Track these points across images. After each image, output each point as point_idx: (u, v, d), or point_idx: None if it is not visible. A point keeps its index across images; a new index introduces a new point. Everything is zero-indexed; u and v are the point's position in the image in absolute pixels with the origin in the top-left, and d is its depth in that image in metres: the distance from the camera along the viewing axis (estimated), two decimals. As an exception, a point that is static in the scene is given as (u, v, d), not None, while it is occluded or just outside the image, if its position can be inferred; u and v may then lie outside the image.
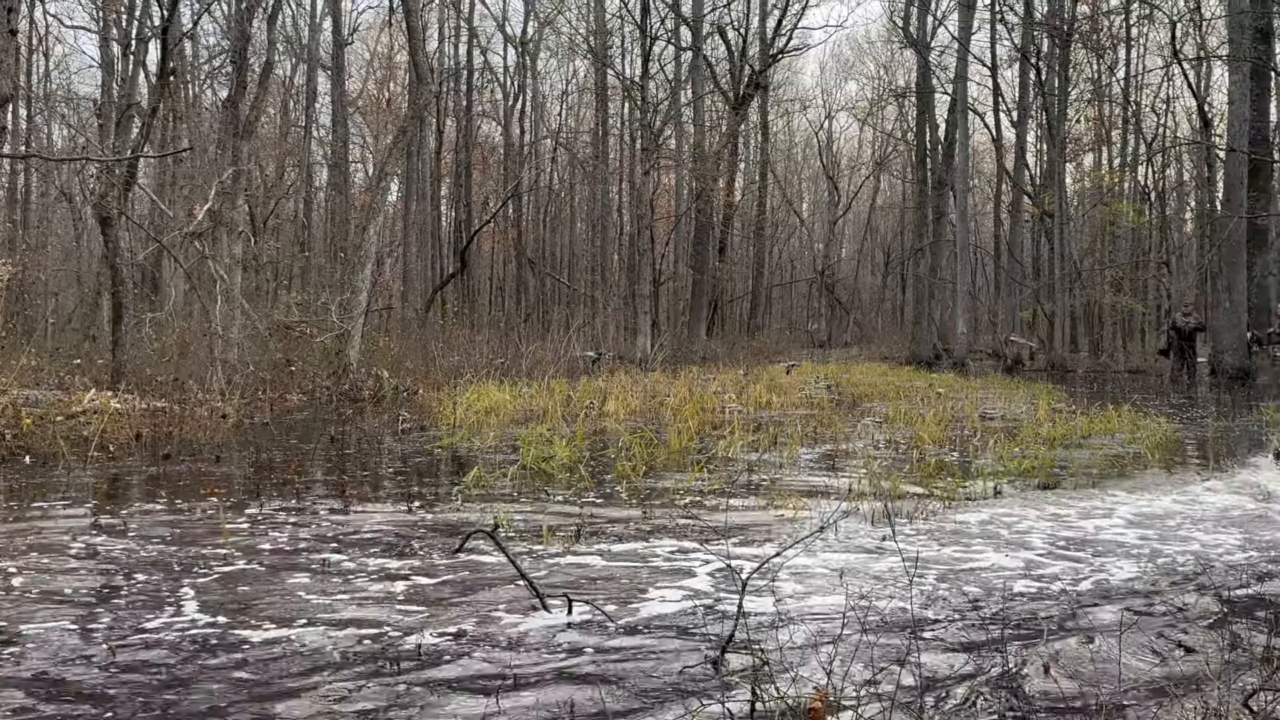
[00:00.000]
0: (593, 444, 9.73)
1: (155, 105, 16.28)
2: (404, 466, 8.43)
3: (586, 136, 41.30)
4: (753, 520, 6.18)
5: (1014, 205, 37.20)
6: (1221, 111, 28.62)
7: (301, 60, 36.30)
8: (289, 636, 3.80)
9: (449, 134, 39.97)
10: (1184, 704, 3.17)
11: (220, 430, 10.32)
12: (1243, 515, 6.56)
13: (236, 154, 17.17)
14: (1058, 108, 31.23)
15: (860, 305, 54.95)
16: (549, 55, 44.22)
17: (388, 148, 19.40)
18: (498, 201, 35.67)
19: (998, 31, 35.49)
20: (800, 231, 57.79)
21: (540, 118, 42.25)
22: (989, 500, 7.00)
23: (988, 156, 44.77)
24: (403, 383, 15.00)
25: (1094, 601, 4.46)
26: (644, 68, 31.71)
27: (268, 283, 25.82)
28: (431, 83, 20.08)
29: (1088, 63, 36.15)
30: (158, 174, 26.37)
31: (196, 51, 31.52)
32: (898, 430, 11.21)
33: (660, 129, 30.93)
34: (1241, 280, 21.89)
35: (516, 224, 39.39)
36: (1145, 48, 37.13)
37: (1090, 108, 37.67)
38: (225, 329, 13.87)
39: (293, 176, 34.86)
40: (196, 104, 30.53)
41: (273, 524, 5.84)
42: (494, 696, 3.20)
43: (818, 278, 51.37)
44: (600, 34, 34.53)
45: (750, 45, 38.07)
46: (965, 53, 32.26)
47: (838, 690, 3.11)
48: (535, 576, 4.46)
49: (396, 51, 39.78)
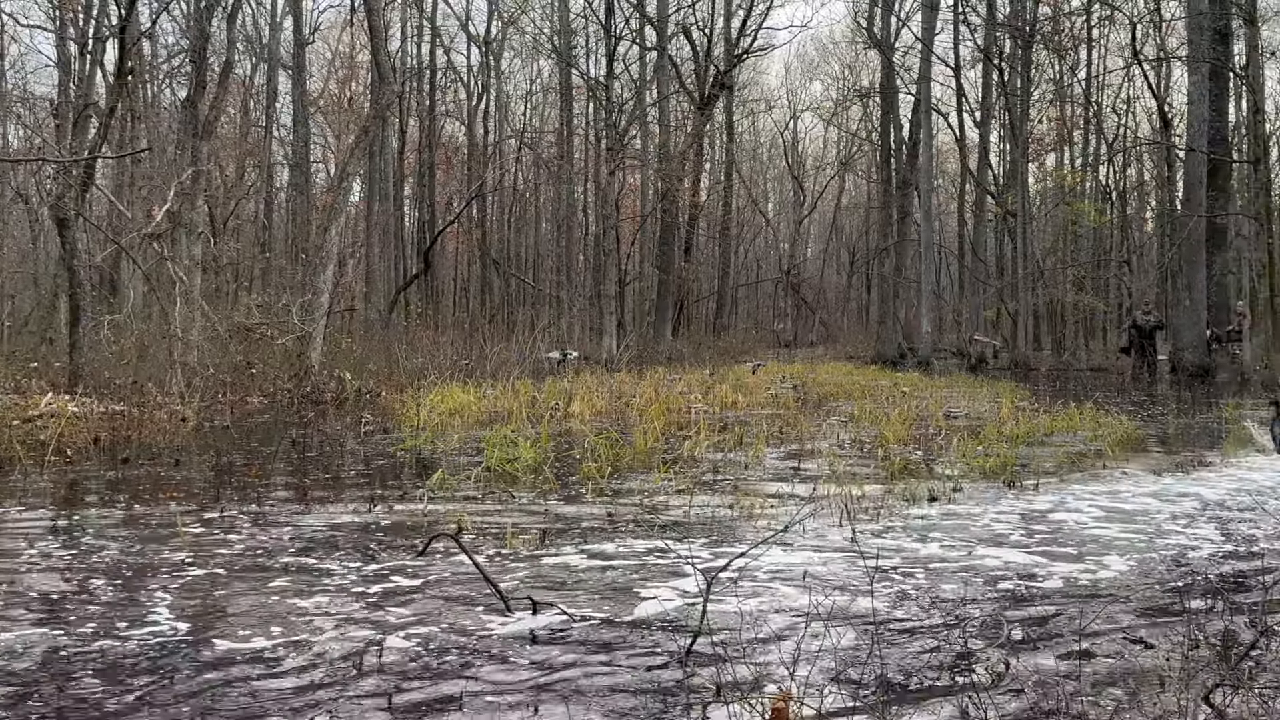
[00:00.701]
0: (558, 445, 9.69)
1: (113, 105, 16.08)
2: (366, 469, 8.35)
3: (551, 136, 41.18)
4: (718, 520, 6.16)
5: (977, 205, 37.43)
6: (1181, 112, 28.92)
7: (262, 60, 35.98)
8: (247, 643, 3.74)
9: (412, 134, 39.74)
10: (1144, 700, 3.18)
11: (180, 433, 10.20)
12: (1200, 508, 6.63)
13: (196, 154, 16.98)
14: (1020, 108, 31.47)
15: (826, 305, 55.11)
16: (513, 55, 44.12)
17: (349, 148, 19.25)
18: (462, 202, 35.51)
19: (961, 32, 35.75)
20: (766, 231, 57.88)
21: (504, 117, 42.11)
22: (951, 498, 7.02)
23: (951, 156, 45.02)
24: (365, 385, 14.89)
25: (1054, 596, 4.48)
26: (609, 67, 31.70)
27: (228, 284, 25.57)
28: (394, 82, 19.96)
29: (1049, 63, 36.45)
30: (116, 175, 26.01)
31: (155, 51, 31.17)
32: (863, 429, 11.24)
33: (625, 129, 30.92)
34: (1201, 279, 22.14)
35: (481, 224, 39.23)
36: (1106, 49, 37.46)
37: (1052, 108, 37.98)
38: (185, 331, 13.71)
39: (253, 177, 34.53)
40: (155, 104, 30.17)
41: (232, 528, 5.76)
42: (458, 700, 3.17)
43: (783, 277, 51.45)
44: (564, 34, 34.46)
45: (715, 45, 38.13)
46: (929, 53, 32.46)
47: (800, 689, 3.10)
48: (499, 579, 4.42)
49: (358, 51, 39.51)
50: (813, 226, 58.86)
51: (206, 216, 20.87)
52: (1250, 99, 23.69)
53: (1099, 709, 3.09)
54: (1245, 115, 27.56)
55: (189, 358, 13.37)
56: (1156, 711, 3.08)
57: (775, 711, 2.84)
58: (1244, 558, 5.30)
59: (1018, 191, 31.46)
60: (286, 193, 37.54)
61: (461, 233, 41.89)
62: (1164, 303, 30.94)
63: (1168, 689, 3.25)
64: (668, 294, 34.12)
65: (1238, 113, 29.80)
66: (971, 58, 36.82)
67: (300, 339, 15.28)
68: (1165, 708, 3.09)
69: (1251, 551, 5.44)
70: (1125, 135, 37.22)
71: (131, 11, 16.63)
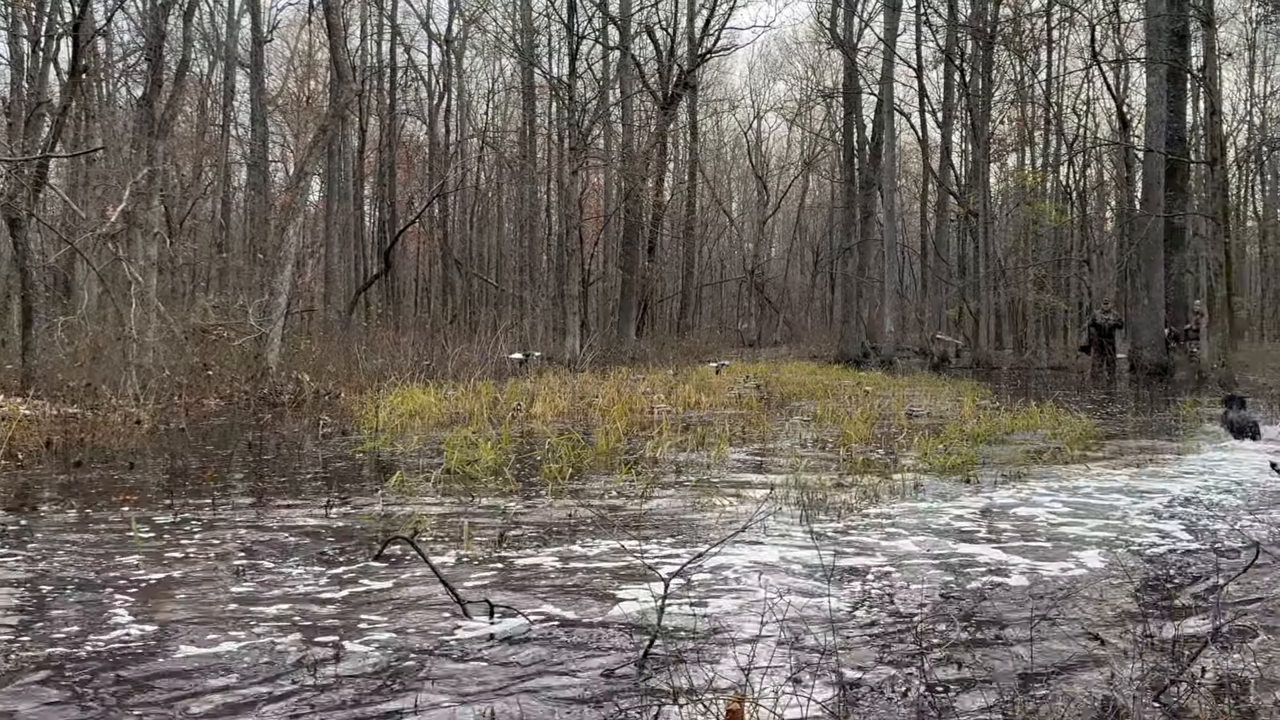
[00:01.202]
0: (519, 446, 9.63)
1: (67, 103, 15.84)
2: (324, 471, 8.24)
3: (513, 136, 41.00)
4: (679, 520, 6.12)
5: (940, 205, 37.66)
6: (1140, 113, 29.26)
7: (219, 58, 35.60)
8: (200, 649, 3.66)
9: (372, 133, 39.42)
10: (1097, 698, 3.17)
11: (134, 436, 10.05)
12: (1157, 503, 6.66)
13: (151, 153, 16.73)
14: (982, 108, 31.68)
15: (790, 304, 55.26)
16: (475, 54, 43.88)
17: (308, 146, 19.06)
18: (423, 201, 35.26)
19: (923, 33, 35.96)
20: (730, 231, 57.97)
21: (466, 117, 41.83)
22: (912, 495, 7.02)
23: (914, 157, 45.31)
24: (324, 386, 14.73)
25: (1012, 592, 4.48)
26: (571, 67, 31.60)
27: (184, 285, 25.27)
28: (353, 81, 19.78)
29: (1011, 64, 36.73)
30: (70, 174, 25.63)
31: (110, 48, 30.73)
32: (826, 429, 11.25)
33: (588, 128, 30.83)
34: (1159, 278, 22.36)
35: (442, 224, 38.96)
36: (1066, 50, 37.82)
37: (1013, 109, 38.26)
38: (140, 332, 13.51)
39: (210, 176, 34.15)
40: (110, 102, 29.75)
41: (187, 532, 5.66)
42: (412, 705, 3.12)
43: (747, 277, 51.53)
44: (527, 32, 34.32)
45: (679, 45, 38.12)
46: (891, 54, 32.59)
47: (756, 690, 3.06)
48: (456, 582, 4.37)
49: (317, 49, 39.17)
50: (776, 226, 59.03)
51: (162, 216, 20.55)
52: (1207, 100, 23.98)
53: (1051, 707, 3.07)
54: (1203, 116, 27.88)
55: (144, 359, 13.17)
56: (1108, 710, 3.07)
57: (730, 713, 2.83)
58: (1201, 554, 5.33)
59: (979, 191, 31.66)
60: (244, 192, 37.15)
61: (423, 233, 41.62)
62: (1123, 301, 31.23)
63: (1120, 687, 3.25)
64: (631, 294, 34.07)
65: (1195, 114, 30.11)
66: (934, 58, 37.07)
67: (258, 340, 15.10)
68: (1117, 706, 3.08)
69: (1210, 548, 5.47)
70: (1085, 136, 37.61)
71: (85, 9, 16.37)
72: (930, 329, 35.40)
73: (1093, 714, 3.04)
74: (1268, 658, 3.57)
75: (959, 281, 35.65)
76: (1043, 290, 35.36)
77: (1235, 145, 38.03)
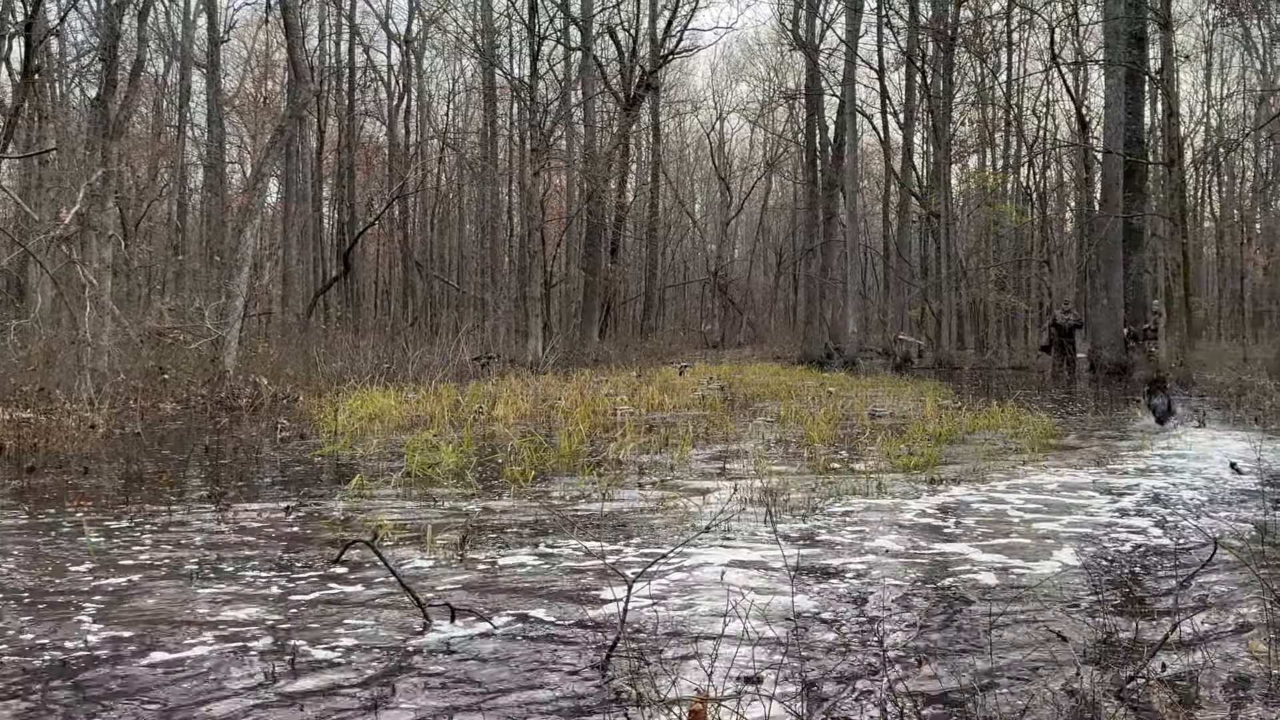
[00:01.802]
0: (481, 449, 9.55)
1: (19, 104, 15.56)
2: (282, 476, 8.13)
3: (474, 137, 40.81)
4: (641, 522, 6.08)
5: (902, 206, 37.85)
6: (1099, 114, 29.49)
7: (175, 58, 35.17)
8: (156, 655, 3.59)
9: (331, 134, 39.10)
10: (1059, 694, 3.16)
11: (89, 441, 9.89)
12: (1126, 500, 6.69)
13: (106, 155, 16.46)
14: (943, 110, 31.86)
15: (753, 305, 55.38)
16: (435, 54, 43.64)
17: (265, 148, 18.85)
18: (382, 203, 34.98)
19: (884, 35, 36.09)
20: (693, 232, 58.02)
21: (426, 117, 41.57)
22: (874, 494, 7.02)
23: (876, 158, 45.51)
24: (282, 390, 14.56)
25: (973, 588, 4.47)
26: (533, 67, 31.48)
27: (140, 288, 24.95)
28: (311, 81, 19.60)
29: (971, 66, 37.01)
30: (23, 176, 25.19)
31: (63, 48, 30.29)
32: (789, 429, 11.25)
33: (550, 129, 30.72)
34: (1118, 278, 22.56)
35: (403, 226, 38.72)
36: (1026, 52, 38.18)
37: (974, 110, 38.55)
38: (94, 336, 13.28)
39: (166, 178, 33.72)
40: (64, 103, 29.29)
41: (142, 538, 5.55)
42: (371, 711, 3.07)
43: (711, 278, 51.58)
44: (487, 33, 34.18)
45: (641, 46, 38.09)
46: (853, 55, 32.71)
47: (719, 690, 3.03)
48: (416, 586, 4.30)
49: (275, 49, 38.82)
50: (740, 228, 59.21)
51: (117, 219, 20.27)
52: (1165, 102, 24.18)
53: (1013, 705, 3.06)
54: (1160, 118, 28.21)
55: (99, 363, 12.95)
56: (1070, 705, 3.07)
57: (693, 714, 2.81)
58: (1161, 552, 5.36)
59: (941, 192, 31.84)
60: (200, 194, 36.73)
61: (383, 234, 41.35)
62: (1083, 302, 31.54)
63: (1081, 683, 3.25)
64: (594, 296, 33.99)
65: (1153, 116, 30.48)
66: (895, 60, 37.23)
67: (214, 343, 14.90)
68: (1079, 702, 3.08)
69: (1170, 545, 5.50)
70: (1045, 137, 37.97)
71: (38, 8, 16.11)
72: (893, 330, 35.58)
73: (1055, 710, 3.03)
74: (1223, 653, 3.58)
75: (921, 282, 35.85)
76: (1004, 291, 35.63)
77: (1193, 147, 38.59)
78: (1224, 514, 6.36)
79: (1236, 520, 6.14)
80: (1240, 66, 40.41)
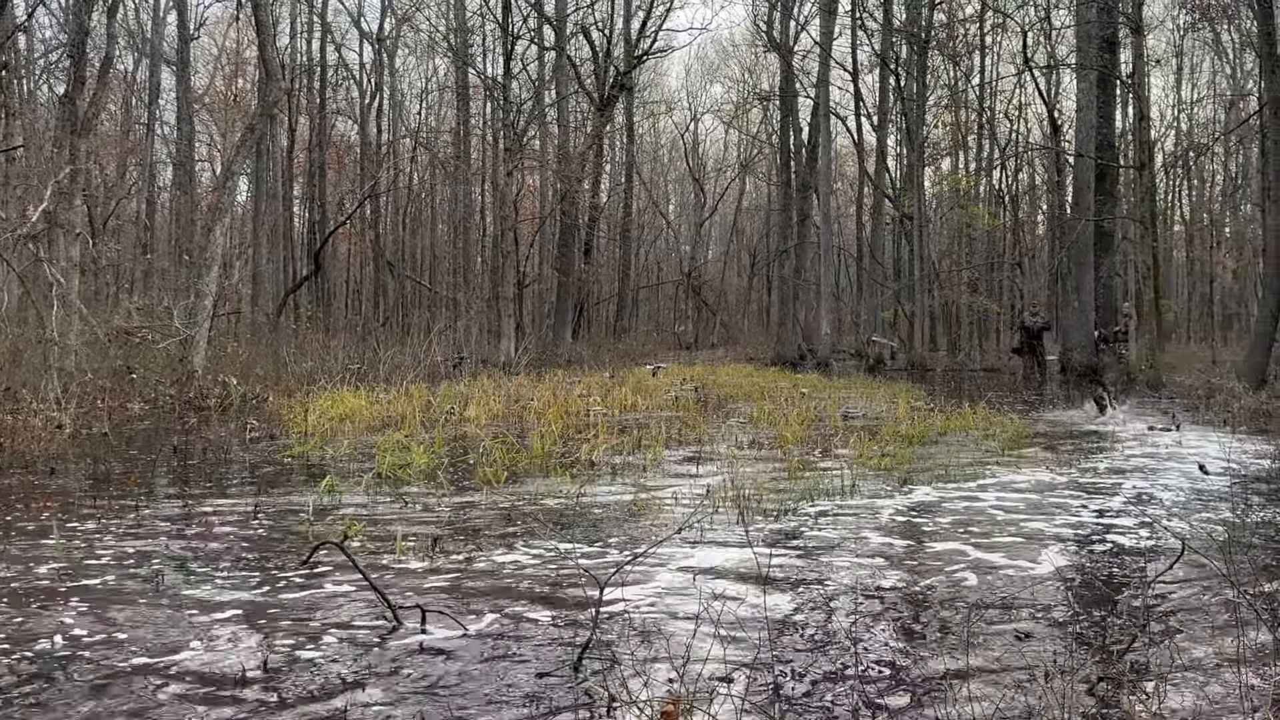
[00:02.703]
0: (453, 450, 9.48)
1: (-16, 99, 15.31)
2: (252, 476, 8.03)
3: (447, 136, 40.56)
4: (614, 523, 6.05)
5: (875, 208, 37.96)
6: (1070, 118, 29.71)
7: (144, 55, 34.79)
8: (121, 657, 3.53)
9: (302, 132, 38.74)
10: (1029, 694, 3.16)
11: (55, 441, 9.77)
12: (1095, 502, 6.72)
13: (74, 152, 16.26)
14: (916, 113, 31.98)
15: (727, 307, 55.40)
16: (407, 52, 43.33)
17: (235, 146, 18.68)
18: (354, 202, 34.68)
19: (859, 37, 36.19)
20: (667, 233, 57.98)
21: (399, 116, 41.27)
22: (847, 495, 7.01)
23: (850, 160, 45.61)
24: (251, 390, 14.41)
25: (944, 588, 4.47)
26: (506, 67, 31.33)
27: (108, 286, 24.66)
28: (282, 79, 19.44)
29: (945, 69, 37.17)
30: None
31: (31, 45, 29.94)
32: (762, 430, 11.24)
33: (524, 129, 30.58)
34: (1089, 281, 22.70)
35: (374, 225, 38.41)
36: (999, 55, 38.38)
37: (947, 113, 38.74)
38: (61, 335, 13.11)
39: (134, 176, 33.36)
40: (31, 100, 28.90)
41: (109, 539, 5.47)
42: (342, 713, 3.04)
43: (684, 279, 51.56)
44: (461, 32, 33.98)
45: (615, 46, 38.02)
46: (827, 57, 32.79)
47: (691, 692, 3.00)
48: (387, 588, 4.26)
49: (246, 47, 38.49)
50: (713, 229, 59.21)
51: (85, 217, 20.05)
52: (1136, 106, 24.40)
53: (980, 706, 3.05)
54: (1132, 122, 28.40)
55: (66, 362, 12.79)
56: (1040, 705, 3.07)
57: (665, 715, 2.79)
58: (1129, 552, 5.39)
59: (914, 195, 31.95)
60: (170, 192, 36.36)
61: (354, 234, 41.05)
62: (1054, 304, 31.74)
63: (1052, 682, 3.26)
64: (567, 296, 33.90)
65: (1124, 119, 30.70)
66: (869, 62, 37.37)
67: (183, 343, 14.74)
68: (1050, 701, 3.08)
69: (1138, 546, 5.53)
70: (1017, 140, 38.20)
71: (5, 4, 15.89)
72: (866, 331, 35.67)
73: (1027, 710, 3.01)
74: (1190, 655, 3.59)
75: (894, 284, 35.98)
76: (976, 293, 35.83)
77: (1163, 150, 38.85)
78: (1194, 515, 6.39)
79: (1206, 521, 6.17)
80: (1210, 71, 40.79)
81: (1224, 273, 40.27)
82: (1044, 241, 38.76)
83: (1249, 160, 37.01)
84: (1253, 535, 5.76)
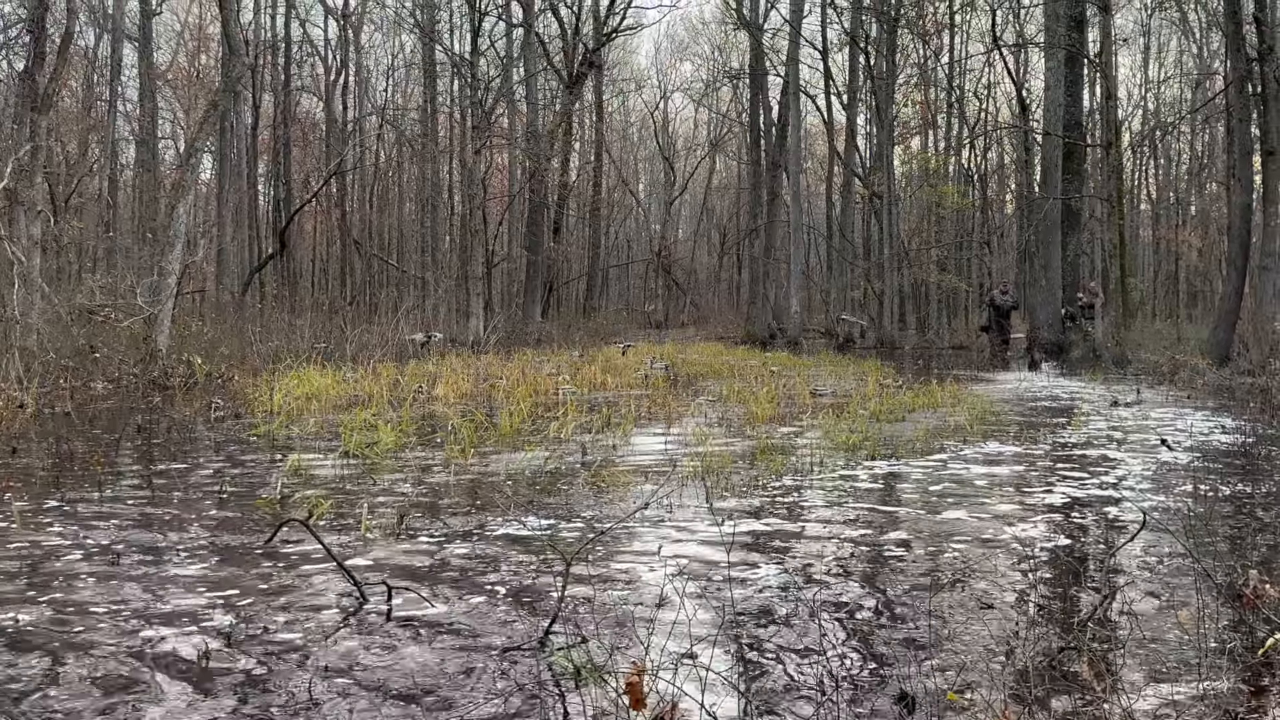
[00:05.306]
0: (421, 429, 9.44)
1: (-60, 74, 15.05)
2: (217, 456, 7.96)
3: (414, 114, 40.28)
4: (581, 499, 6.05)
5: (845, 186, 38.05)
6: (1039, 97, 29.81)
7: (106, 30, 34.28)
8: (88, 638, 3.49)
9: (266, 109, 38.31)
10: (994, 665, 3.20)
11: (17, 421, 9.66)
12: (1057, 474, 6.77)
13: (34, 129, 16.01)
14: (886, 92, 32.03)
15: (697, 285, 55.52)
16: (373, 29, 42.89)
17: (199, 123, 18.46)
18: (320, 180, 34.40)
19: (828, 15, 36.18)
20: (637, 212, 57.95)
21: (365, 93, 40.87)
22: (815, 471, 7.04)
23: (820, 139, 45.66)
24: (216, 369, 14.28)
25: (911, 562, 4.50)
26: (474, 44, 31.11)
27: (70, 265, 24.40)
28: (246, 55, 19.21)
29: (914, 48, 37.23)
30: (-53, 150, 24.48)
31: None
32: (731, 408, 11.26)
33: (492, 107, 30.37)
34: (1057, 259, 22.84)
35: (340, 204, 38.08)
36: (968, 34, 38.46)
37: (916, 92, 38.84)
38: (23, 314, 12.97)
39: (96, 153, 32.92)
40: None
41: (73, 519, 5.41)
42: (307, 692, 3.02)
43: (654, 258, 51.57)
44: (427, 8, 33.67)
45: (584, 23, 37.84)
46: (797, 35, 32.77)
47: (656, 663, 3.01)
48: (353, 565, 4.23)
49: (209, 22, 38.01)
50: (684, 207, 59.22)
51: (46, 194, 19.78)
52: (1103, 85, 24.47)
53: (945, 677, 3.07)
54: (1099, 101, 28.51)
55: (28, 342, 12.64)
56: (1004, 677, 3.11)
57: (630, 685, 2.79)
58: (1092, 526, 5.45)
59: (884, 173, 32.05)
60: (132, 170, 35.93)
61: (320, 212, 40.72)
62: (1022, 282, 31.94)
63: (1016, 652, 3.29)
64: (536, 275, 33.80)
65: (1092, 99, 30.83)
66: (839, 41, 37.36)
67: (147, 322, 14.58)
68: (1013, 671, 3.12)
69: (1100, 520, 5.58)
70: (986, 120, 38.36)
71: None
72: (836, 309, 35.81)
73: (990, 679, 3.04)
74: (1153, 626, 3.63)
75: (864, 263, 36.11)
76: (945, 271, 36.02)
77: (1130, 129, 39.10)
78: (1156, 489, 6.46)
79: (1167, 495, 6.24)
80: (1177, 51, 41.05)
81: (1189, 251, 40.65)
82: (1012, 220, 38.98)
83: (1215, 139, 37.31)
84: (1212, 508, 5.83)
